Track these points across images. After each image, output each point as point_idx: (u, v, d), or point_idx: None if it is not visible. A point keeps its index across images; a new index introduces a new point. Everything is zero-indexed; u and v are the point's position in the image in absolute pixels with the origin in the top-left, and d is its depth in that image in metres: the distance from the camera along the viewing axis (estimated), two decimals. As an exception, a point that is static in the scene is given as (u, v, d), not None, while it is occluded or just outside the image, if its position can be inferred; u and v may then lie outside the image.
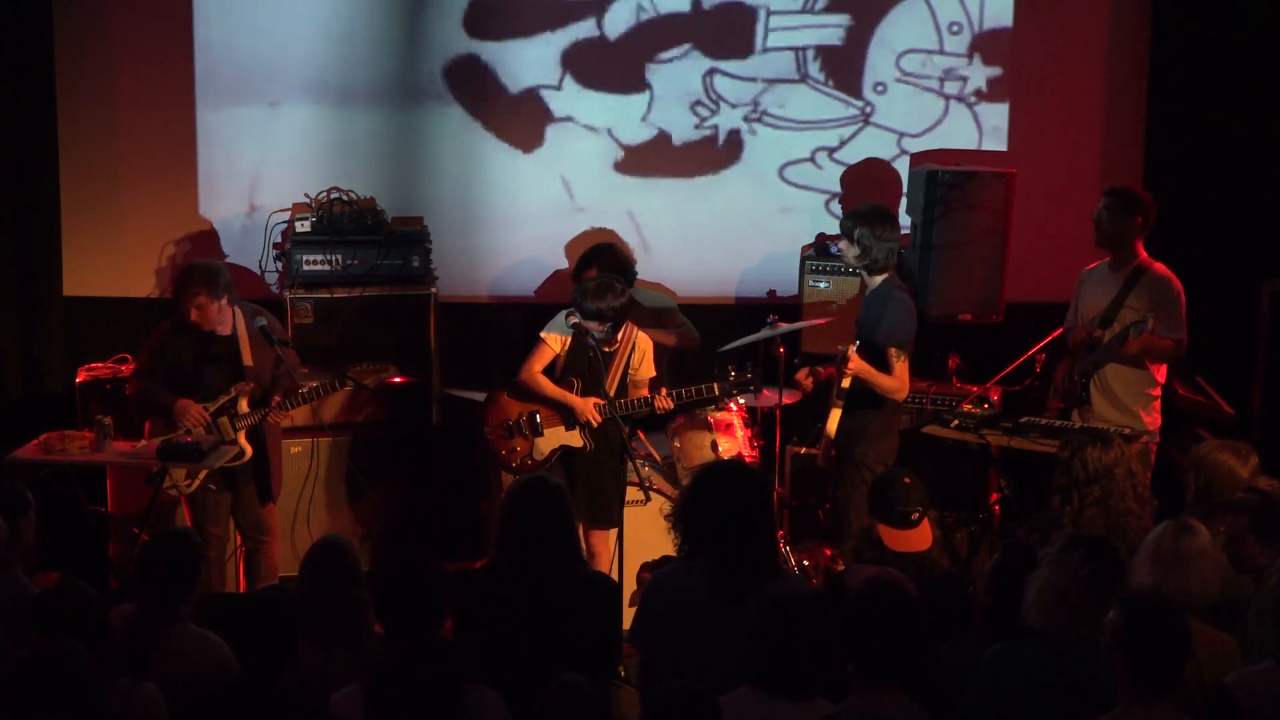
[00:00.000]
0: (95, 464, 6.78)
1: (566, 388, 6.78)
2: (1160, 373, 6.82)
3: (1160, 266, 6.74)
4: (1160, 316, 6.57)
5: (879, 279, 6.54)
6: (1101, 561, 4.23)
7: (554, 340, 6.78)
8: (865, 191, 8.06)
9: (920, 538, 5.32)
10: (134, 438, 6.82)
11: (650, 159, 8.29)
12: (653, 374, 6.87)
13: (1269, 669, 4.14)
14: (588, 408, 6.71)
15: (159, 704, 4.23)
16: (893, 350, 6.44)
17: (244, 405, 6.60)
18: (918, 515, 5.31)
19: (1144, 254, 6.78)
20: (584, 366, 6.75)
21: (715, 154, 8.31)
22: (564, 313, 6.72)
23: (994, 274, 7.63)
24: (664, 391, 6.72)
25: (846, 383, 6.41)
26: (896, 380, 6.44)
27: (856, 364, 6.39)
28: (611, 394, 6.69)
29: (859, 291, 6.90)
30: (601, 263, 7.33)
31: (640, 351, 6.83)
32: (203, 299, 6.49)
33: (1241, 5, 8.06)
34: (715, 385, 6.72)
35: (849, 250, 6.51)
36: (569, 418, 6.81)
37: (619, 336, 6.74)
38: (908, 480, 5.40)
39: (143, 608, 4.64)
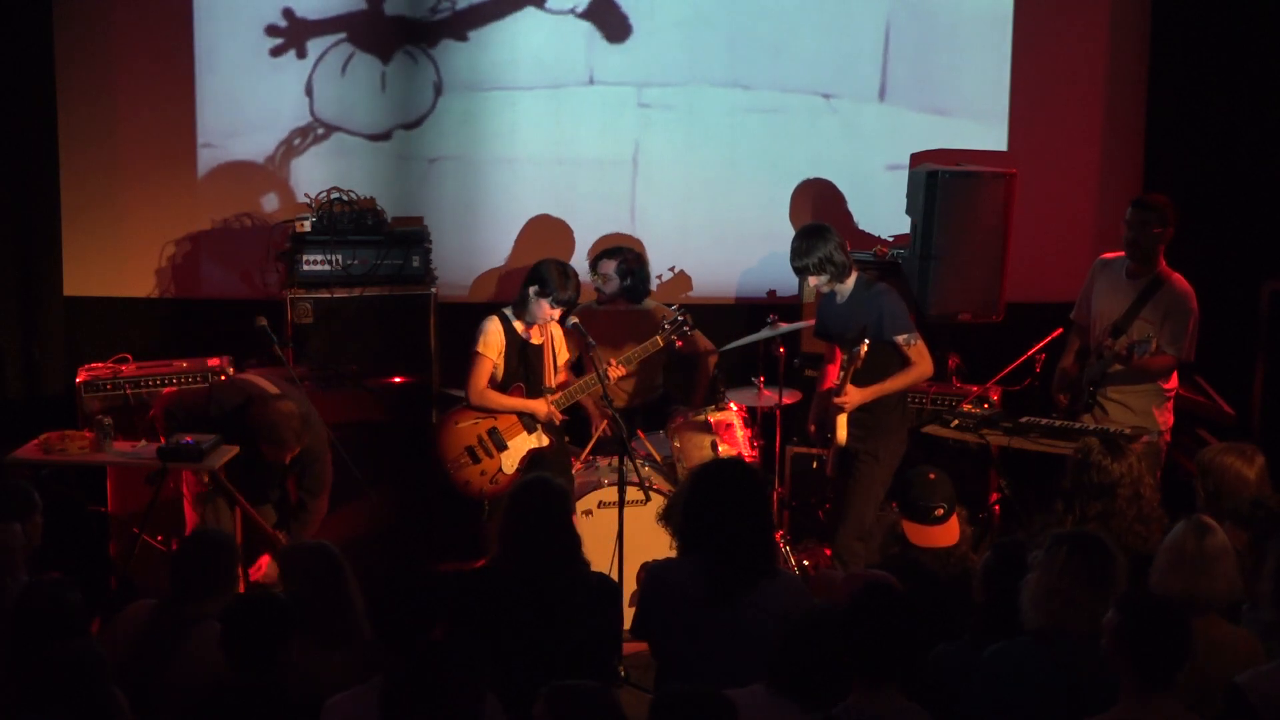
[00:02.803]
0: (95, 464, 6.77)
1: (516, 394, 6.82)
2: (1173, 377, 6.82)
3: (1179, 279, 6.70)
4: (1166, 329, 6.56)
5: (850, 281, 6.63)
6: (1088, 554, 4.23)
7: (490, 350, 6.84)
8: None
9: (945, 534, 5.30)
10: (134, 438, 6.81)
11: (649, 159, 8.29)
12: (567, 356, 7.03)
13: (1278, 668, 4.14)
14: (547, 406, 6.80)
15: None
16: (901, 339, 6.52)
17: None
18: (941, 511, 5.30)
19: (1164, 264, 6.76)
20: (522, 369, 6.86)
21: (714, 154, 8.32)
22: (515, 316, 6.83)
23: (994, 274, 7.62)
24: (613, 361, 6.83)
25: (846, 406, 6.49)
26: (917, 366, 6.58)
27: (854, 400, 6.50)
28: (554, 385, 6.82)
29: (815, 299, 6.96)
30: (620, 256, 7.56)
31: (558, 338, 6.98)
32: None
33: (1241, 5, 8.05)
34: (658, 337, 6.95)
35: (821, 282, 6.61)
36: (530, 421, 6.85)
37: (543, 329, 6.90)
38: (932, 476, 5.40)
39: (173, 604, 4.65)
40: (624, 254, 7.59)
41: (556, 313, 6.76)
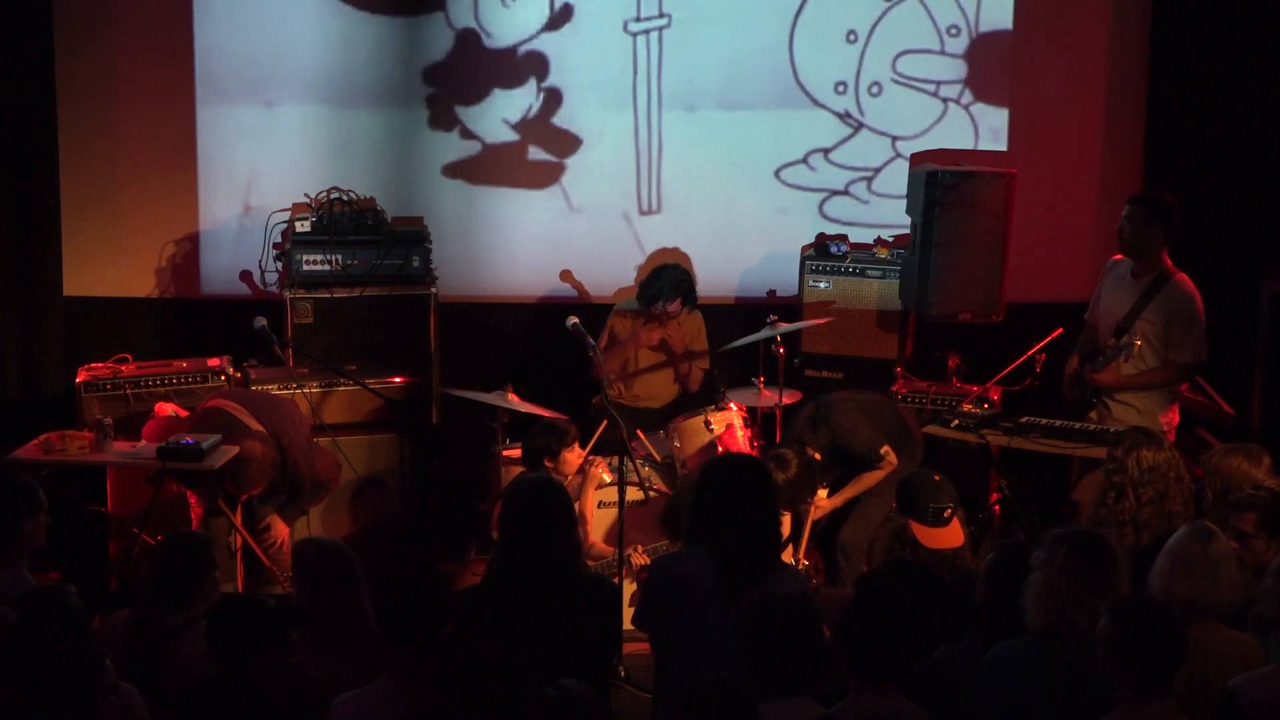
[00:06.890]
0: (95, 464, 6.77)
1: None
2: None
3: (1183, 279, 6.66)
4: (1171, 335, 6.55)
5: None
6: (1087, 552, 4.23)
7: None
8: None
9: (953, 535, 5.31)
10: (134, 438, 6.81)
11: (648, 159, 8.29)
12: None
13: (1274, 671, 4.13)
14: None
15: (139, 705, 4.22)
16: (873, 456, 6.72)
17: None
18: (949, 512, 5.32)
19: (1169, 263, 6.72)
20: None
21: (714, 154, 8.31)
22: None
23: (994, 274, 7.61)
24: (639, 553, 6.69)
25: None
26: (885, 464, 6.73)
27: (825, 509, 6.77)
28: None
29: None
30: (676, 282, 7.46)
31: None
32: None
33: (1241, 6, 8.05)
34: None
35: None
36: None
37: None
38: (937, 478, 5.41)
39: (156, 608, 4.64)
40: (676, 274, 7.46)
41: (583, 454, 6.68)
